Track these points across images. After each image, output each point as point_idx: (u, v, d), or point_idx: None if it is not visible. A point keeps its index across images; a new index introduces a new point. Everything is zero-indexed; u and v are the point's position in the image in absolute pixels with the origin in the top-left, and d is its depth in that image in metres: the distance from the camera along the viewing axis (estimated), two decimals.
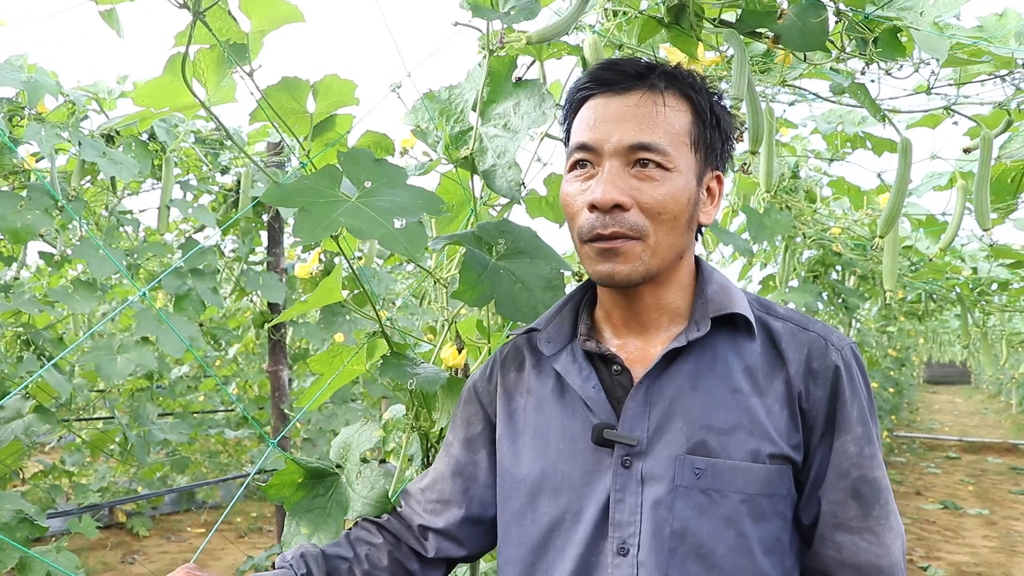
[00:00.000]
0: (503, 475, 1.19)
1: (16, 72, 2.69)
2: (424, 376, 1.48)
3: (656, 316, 1.14)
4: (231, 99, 1.44)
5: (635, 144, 1.05)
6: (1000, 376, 17.33)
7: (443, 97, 1.63)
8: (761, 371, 1.08)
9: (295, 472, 1.46)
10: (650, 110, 1.06)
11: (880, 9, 1.57)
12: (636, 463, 1.06)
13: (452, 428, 1.31)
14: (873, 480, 1.08)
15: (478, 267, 1.36)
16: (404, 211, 1.26)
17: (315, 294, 1.56)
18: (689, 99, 1.10)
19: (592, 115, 1.10)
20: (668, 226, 1.06)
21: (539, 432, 1.15)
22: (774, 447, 1.05)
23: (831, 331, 1.12)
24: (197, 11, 1.24)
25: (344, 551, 1.23)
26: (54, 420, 3.21)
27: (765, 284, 4.34)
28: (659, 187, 1.05)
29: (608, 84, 1.10)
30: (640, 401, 1.08)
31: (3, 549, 2.58)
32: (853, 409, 1.08)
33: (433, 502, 1.26)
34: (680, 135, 1.07)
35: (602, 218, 1.05)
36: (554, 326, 1.20)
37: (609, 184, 1.05)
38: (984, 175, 2.11)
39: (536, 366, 1.21)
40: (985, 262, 4.47)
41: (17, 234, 2.85)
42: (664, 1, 1.62)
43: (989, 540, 6.95)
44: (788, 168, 3.77)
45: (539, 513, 1.12)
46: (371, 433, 1.54)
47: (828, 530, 1.07)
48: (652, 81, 1.08)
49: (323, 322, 4.18)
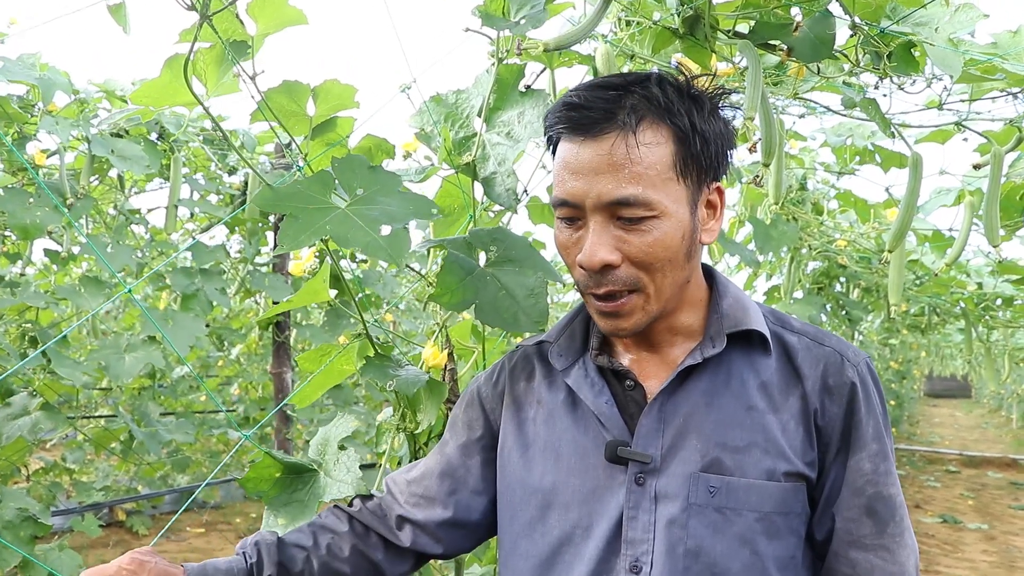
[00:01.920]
0: (513, 485, 1.17)
1: (28, 70, 2.71)
2: (404, 378, 1.48)
3: (668, 336, 1.13)
4: (234, 90, 1.45)
5: (613, 201, 1.00)
6: (1001, 391, 17.31)
7: (450, 101, 1.64)
8: (776, 387, 1.07)
9: (272, 466, 1.47)
10: (624, 157, 0.99)
11: (895, 24, 1.57)
12: (650, 481, 1.05)
13: (452, 429, 1.28)
14: (888, 497, 1.07)
15: (460, 272, 1.37)
16: (392, 218, 1.26)
17: (299, 294, 1.58)
18: (667, 126, 1.02)
19: (567, 163, 1.04)
20: (664, 270, 1.03)
21: (550, 445, 1.13)
22: (789, 465, 1.04)
23: (847, 346, 1.11)
24: (205, 14, 1.24)
25: (304, 539, 1.21)
26: (61, 418, 3.22)
27: (770, 295, 4.34)
28: (646, 237, 1.01)
29: (578, 127, 1.02)
30: (654, 418, 1.07)
31: (6, 547, 2.58)
32: (868, 426, 1.07)
33: (417, 496, 1.24)
34: (663, 172, 1.01)
35: (594, 277, 1.03)
36: (565, 339, 1.18)
37: (596, 245, 1.01)
38: (994, 192, 2.11)
39: (547, 377, 1.19)
40: (990, 277, 4.47)
41: (26, 230, 2.86)
42: (679, 12, 1.63)
43: (988, 555, 6.93)
44: (796, 180, 3.78)
45: (549, 527, 1.11)
46: (347, 424, 1.55)
47: (842, 547, 1.07)
48: (623, 119, 1.00)
49: (327, 324, 4.18)
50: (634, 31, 1.77)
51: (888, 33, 1.59)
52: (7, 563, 2.64)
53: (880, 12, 1.55)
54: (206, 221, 4.37)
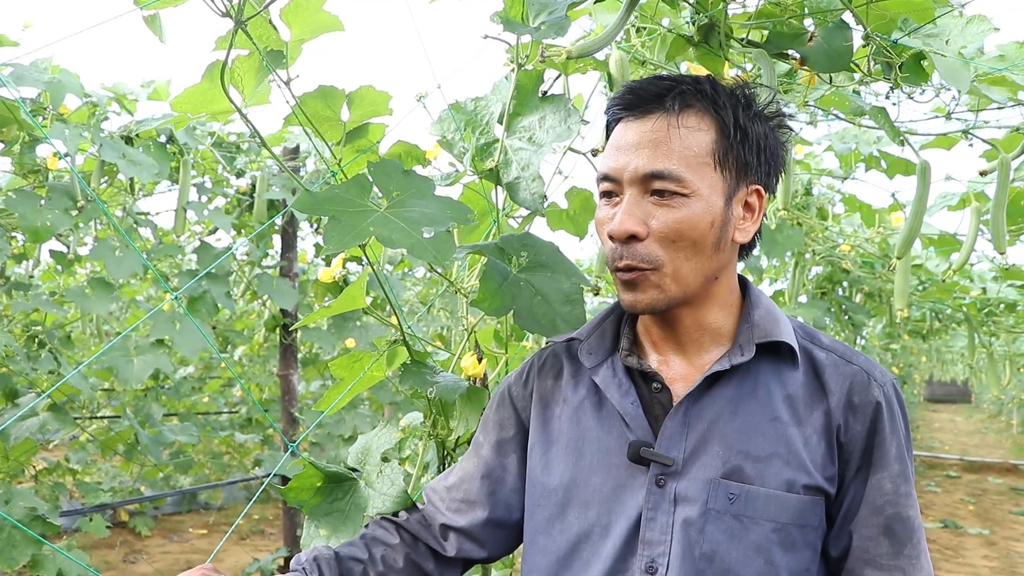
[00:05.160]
0: (533, 483, 1.19)
1: (41, 74, 2.72)
2: (444, 384, 1.49)
3: (697, 336, 1.13)
4: (265, 101, 1.47)
5: (648, 173, 1.04)
6: (1001, 396, 17.31)
7: (469, 108, 1.65)
8: (802, 401, 1.08)
9: (314, 476, 1.47)
10: (664, 135, 1.05)
11: (907, 36, 1.59)
12: (670, 483, 1.06)
13: (483, 429, 1.30)
14: (907, 519, 1.07)
15: (499, 277, 1.38)
16: (433, 221, 1.28)
17: (340, 299, 1.58)
18: (712, 116, 1.07)
19: (614, 141, 1.10)
20: (687, 252, 1.05)
21: (573, 443, 1.15)
22: (809, 478, 1.05)
23: (874, 365, 1.11)
24: (239, 20, 1.26)
25: (359, 552, 1.22)
26: (68, 419, 3.23)
27: (775, 299, 4.36)
28: (673, 213, 1.04)
29: (629, 107, 1.09)
30: (679, 421, 1.08)
31: (16, 545, 2.59)
32: (892, 446, 1.07)
33: (458, 501, 1.25)
34: (700, 156, 1.05)
35: (619, 249, 1.06)
36: (596, 338, 1.19)
37: (625, 215, 1.05)
38: (1001, 198, 2.13)
39: (575, 376, 1.20)
40: (994, 283, 4.49)
41: (37, 233, 2.88)
42: (694, 21, 1.64)
43: (990, 560, 6.94)
44: (802, 185, 3.79)
45: (567, 524, 1.12)
46: (390, 435, 1.56)
47: (858, 565, 1.07)
48: (669, 103, 1.06)
49: (334, 328, 4.20)
50: (645, 39, 1.78)
51: (900, 45, 1.61)
52: (16, 562, 2.66)
53: (892, 25, 1.57)
54: (212, 224, 4.38)
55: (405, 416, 1.80)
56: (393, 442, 1.53)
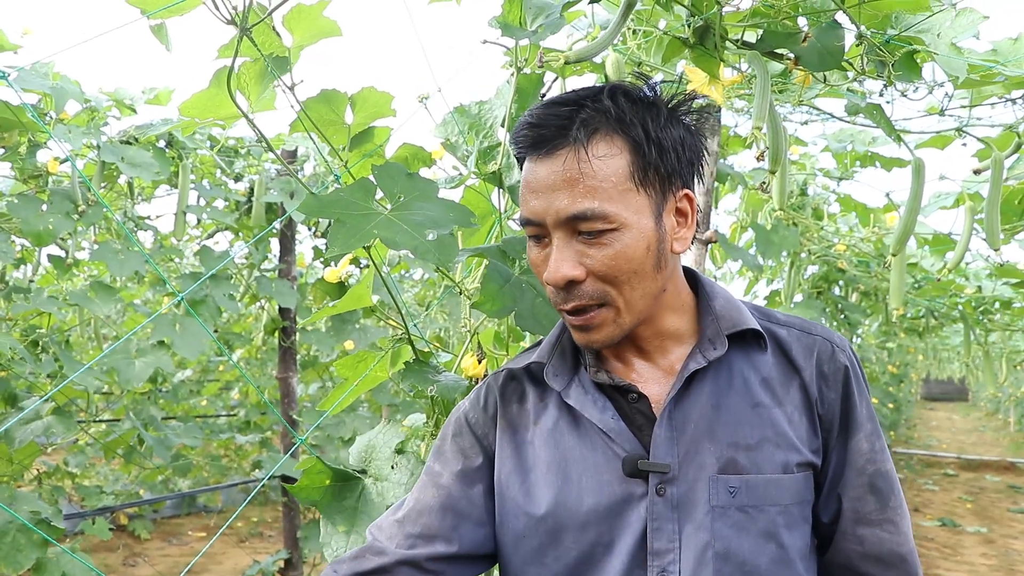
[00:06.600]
0: (514, 513, 1.13)
1: (42, 79, 2.74)
2: (445, 383, 1.51)
3: (658, 343, 1.12)
4: (271, 107, 1.49)
5: (570, 216, 1.00)
6: (998, 394, 17.36)
7: (473, 112, 1.67)
8: (777, 381, 1.10)
9: (324, 473, 1.49)
10: (577, 172, 0.99)
11: (900, 33, 1.61)
12: (670, 489, 1.05)
13: (439, 458, 1.20)
14: (886, 473, 1.13)
15: (500, 279, 1.40)
16: (436, 224, 1.30)
17: (346, 298, 1.60)
18: (622, 137, 1.01)
19: (528, 182, 1.05)
20: (631, 282, 1.03)
21: (555, 466, 1.11)
22: (800, 456, 1.07)
23: (831, 332, 1.14)
24: (244, 27, 1.28)
25: None
26: (72, 422, 3.24)
27: (771, 299, 4.38)
28: (606, 250, 1.01)
29: (534, 146, 1.03)
30: (667, 427, 1.07)
31: (20, 549, 2.60)
32: (862, 407, 1.12)
33: (414, 536, 1.14)
34: (619, 184, 1.00)
35: (560, 293, 1.04)
36: (557, 359, 1.15)
37: (560, 261, 1.02)
38: (995, 196, 2.15)
39: (542, 398, 1.16)
40: (989, 280, 4.51)
41: (39, 237, 2.90)
42: (689, 23, 1.66)
43: (988, 558, 6.97)
44: (797, 185, 3.82)
45: (563, 549, 1.08)
46: (396, 432, 1.57)
47: (849, 525, 1.11)
48: (574, 134, 1.00)
49: (333, 329, 4.22)
50: (641, 41, 1.81)
51: (892, 43, 1.63)
52: (20, 566, 2.67)
53: (886, 22, 1.59)
54: (212, 227, 4.40)
55: (408, 417, 1.82)
56: (401, 438, 1.55)
